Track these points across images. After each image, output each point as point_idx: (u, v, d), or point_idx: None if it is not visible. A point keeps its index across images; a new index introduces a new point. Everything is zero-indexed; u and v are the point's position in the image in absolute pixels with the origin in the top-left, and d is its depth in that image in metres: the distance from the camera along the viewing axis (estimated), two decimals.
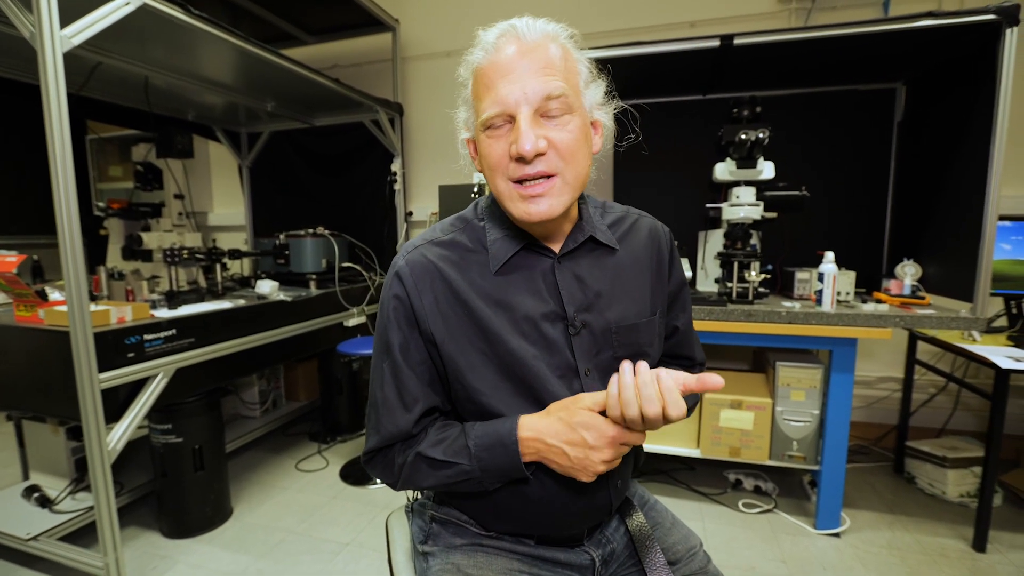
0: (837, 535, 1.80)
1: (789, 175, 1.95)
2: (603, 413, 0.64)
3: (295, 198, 3.25)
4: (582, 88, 0.69)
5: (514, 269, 0.72)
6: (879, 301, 1.82)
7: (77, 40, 1.32)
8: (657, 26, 2.65)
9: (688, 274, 1.91)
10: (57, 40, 1.26)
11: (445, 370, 0.71)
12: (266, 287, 2.20)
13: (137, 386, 1.57)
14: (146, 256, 2.16)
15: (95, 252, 3.03)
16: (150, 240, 2.13)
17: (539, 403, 0.70)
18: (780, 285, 2.14)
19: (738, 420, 1.89)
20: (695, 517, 1.93)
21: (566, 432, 0.64)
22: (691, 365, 0.89)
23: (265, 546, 1.79)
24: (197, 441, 1.82)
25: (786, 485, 2.13)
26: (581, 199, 0.78)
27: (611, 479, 0.74)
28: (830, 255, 1.75)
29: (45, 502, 1.75)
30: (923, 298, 1.81)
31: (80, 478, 1.82)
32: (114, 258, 2.35)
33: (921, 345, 2.17)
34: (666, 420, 0.60)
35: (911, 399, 2.22)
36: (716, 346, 2.17)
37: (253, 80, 2.36)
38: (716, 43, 1.73)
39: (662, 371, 0.61)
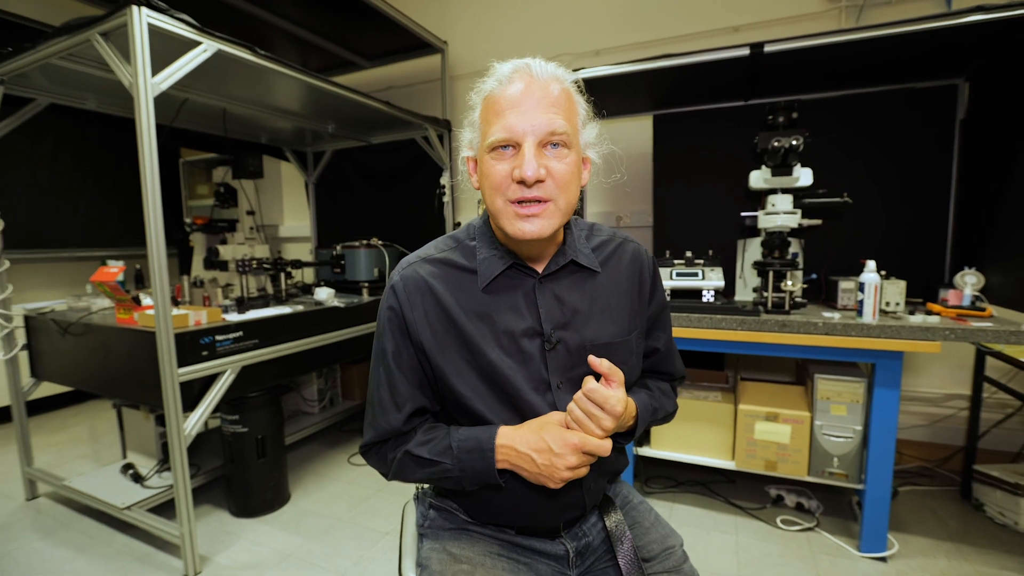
0: (883, 559, 1.71)
1: (839, 180, 1.88)
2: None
3: (353, 211, 3.52)
4: (580, 128, 0.76)
5: (499, 287, 0.79)
6: (931, 312, 1.71)
7: (165, 85, 1.56)
8: (699, 33, 2.62)
9: (720, 284, 1.90)
10: (149, 87, 1.50)
11: (434, 375, 0.80)
12: (323, 294, 2.41)
13: (209, 380, 1.79)
14: (222, 266, 2.44)
15: (184, 262, 3.45)
16: (225, 252, 2.41)
17: (516, 409, 0.77)
18: (825, 295, 2.06)
19: (774, 433, 1.84)
20: (728, 530, 1.90)
21: (535, 441, 0.71)
22: (672, 379, 0.95)
23: (316, 530, 1.97)
24: (260, 432, 2.04)
25: (833, 504, 2.03)
26: (567, 224, 0.84)
27: (583, 480, 0.79)
28: (871, 264, 1.68)
29: (138, 478, 2.03)
30: (983, 309, 1.68)
31: (165, 459, 2.09)
32: (198, 268, 2.67)
33: (991, 361, 2.00)
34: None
35: (979, 419, 2.05)
36: (752, 356, 2.12)
37: (316, 106, 2.61)
38: (746, 52, 1.72)
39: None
